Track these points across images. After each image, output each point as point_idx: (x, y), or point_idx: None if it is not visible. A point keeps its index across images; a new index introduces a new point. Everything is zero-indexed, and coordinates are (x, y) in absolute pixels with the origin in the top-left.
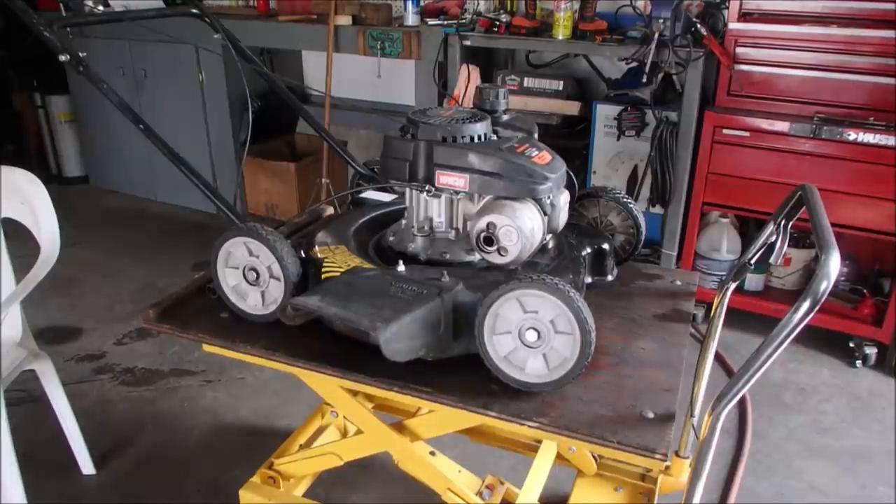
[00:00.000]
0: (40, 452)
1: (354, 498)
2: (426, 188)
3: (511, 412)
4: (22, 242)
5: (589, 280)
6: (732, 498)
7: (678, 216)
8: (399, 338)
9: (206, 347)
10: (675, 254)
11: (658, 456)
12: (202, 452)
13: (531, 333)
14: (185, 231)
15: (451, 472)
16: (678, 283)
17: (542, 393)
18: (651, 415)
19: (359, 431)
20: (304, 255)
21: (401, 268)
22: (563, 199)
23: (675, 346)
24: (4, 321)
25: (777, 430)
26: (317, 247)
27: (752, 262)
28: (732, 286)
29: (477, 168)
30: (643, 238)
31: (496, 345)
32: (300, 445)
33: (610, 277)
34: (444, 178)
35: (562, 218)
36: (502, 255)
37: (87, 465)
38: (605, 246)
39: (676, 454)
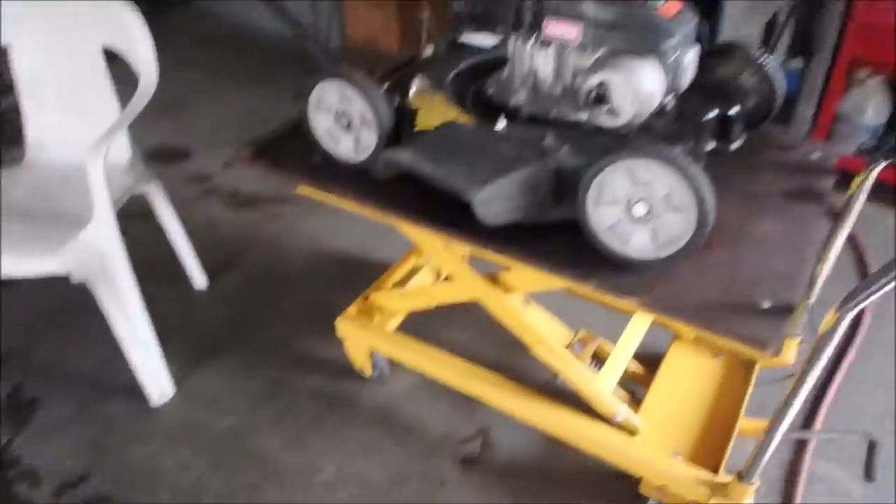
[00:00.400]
0: (157, 265)
1: (448, 334)
2: (533, 37)
3: (612, 285)
4: (125, 71)
5: (711, 146)
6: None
7: (820, 72)
8: (494, 201)
9: (300, 189)
10: (812, 113)
11: (769, 351)
12: (303, 276)
13: (640, 207)
14: (289, 59)
15: (542, 323)
16: (815, 155)
17: (644, 269)
18: (767, 304)
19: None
20: (398, 103)
21: (501, 125)
22: (690, 55)
23: (802, 230)
24: (112, 148)
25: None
26: (413, 94)
27: None
28: (882, 164)
29: (592, 17)
30: (779, 103)
31: (600, 215)
32: (395, 282)
33: (735, 145)
34: (554, 28)
35: (686, 77)
36: (614, 117)
37: (198, 280)
38: (733, 110)
39: None
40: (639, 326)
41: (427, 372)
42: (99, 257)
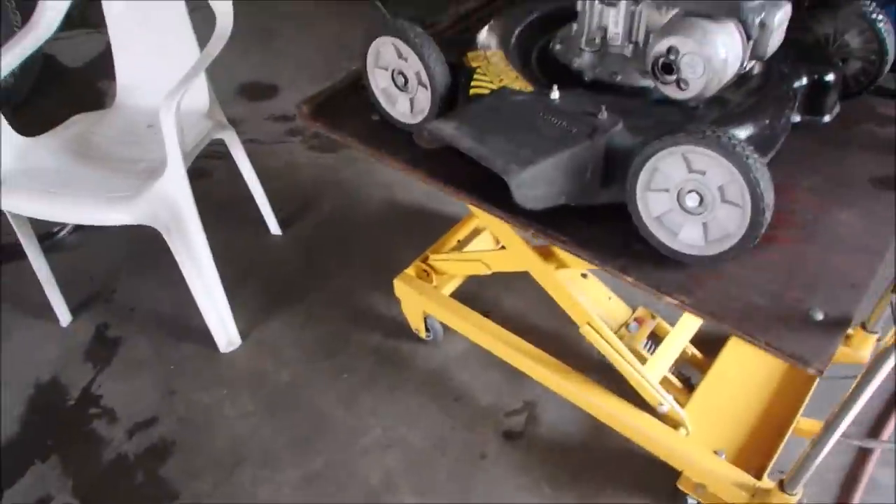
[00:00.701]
0: (236, 208)
1: (507, 299)
2: None
3: (652, 281)
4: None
5: (797, 119)
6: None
7: None
8: (535, 183)
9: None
10: None
11: (812, 370)
12: (374, 225)
13: (693, 197)
14: None
15: (598, 299)
16: None
17: (692, 265)
18: (820, 316)
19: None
20: (456, 62)
21: (555, 94)
22: (780, 16)
23: (886, 224)
24: (190, 93)
25: None
26: (472, 52)
27: None
28: None
29: None
30: (888, 67)
31: (649, 202)
32: (458, 241)
33: (827, 117)
34: None
35: (774, 41)
36: (682, 89)
37: (273, 226)
38: (830, 76)
39: (863, 326)
40: None
41: (475, 341)
42: (171, 208)
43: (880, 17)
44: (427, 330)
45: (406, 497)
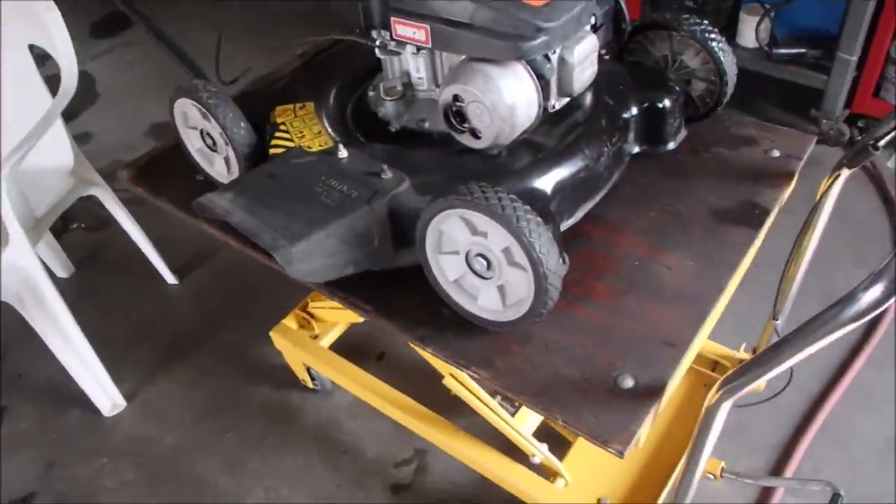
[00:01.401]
0: (131, 259)
1: (394, 346)
2: (380, 40)
3: (452, 352)
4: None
5: (636, 150)
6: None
7: (867, 4)
8: (310, 258)
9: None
10: (856, 59)
11: (612, 449)
12: (272, 273)
13: (479, 261)
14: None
15: None
16: (775, 153)
17: (498, 331)
18: (630, 383)
19: None
20: (259, 120)
21: (342, 153)
22: (583, 47)
23: (719, 267)
24: (46, 152)
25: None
26: (282, 106)
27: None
28: (845, 174)
29: (439, 16)
30: (729, 88)
31: (443, 266)
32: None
33: (672, 144)
34: (402, 29)
35: (582, 75)
36: (478, 138)
37: (168, 277)
38: (664, 102)
39: (755, 354)
40: None
41: (355, 394)
42: (20, 279)
43: (713, 35)
44: (313, 379)
45: None
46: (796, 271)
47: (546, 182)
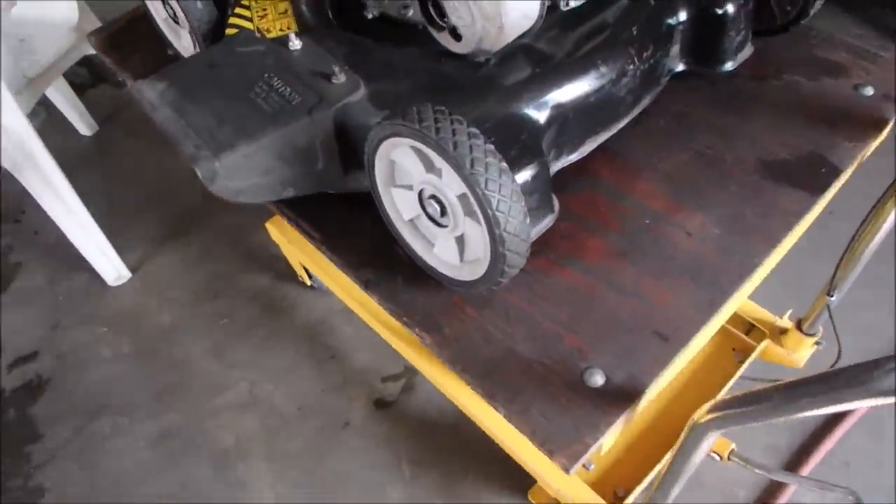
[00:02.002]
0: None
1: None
2: None
3: (397, 304)
4: None
5: (680, 68)
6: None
7: None
8: (237, 174)
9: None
10: None
11: (558, 462)
12: None
13: (433, 205)
14: None
15: None
16: (868, 90)
17: (456, 289)
18: (598, 380)
19: None
20: None
21: (294, 44)
22: None
23: (755, 241)
24: (54, 2)
25: None
26: None
27: None
28: None
29: None
30: None
31: (396, 201)
32: None
33: (729, 65)
34: None
35: None
36: (458, 40)
37: None
38: (726, 8)
39: (799, 326)
40: None
41: (345, 303)
42: (13, 141)
43: None
44: (310, 276)
45: (254, 463)
46: (865, 246)
47: (541, 105)
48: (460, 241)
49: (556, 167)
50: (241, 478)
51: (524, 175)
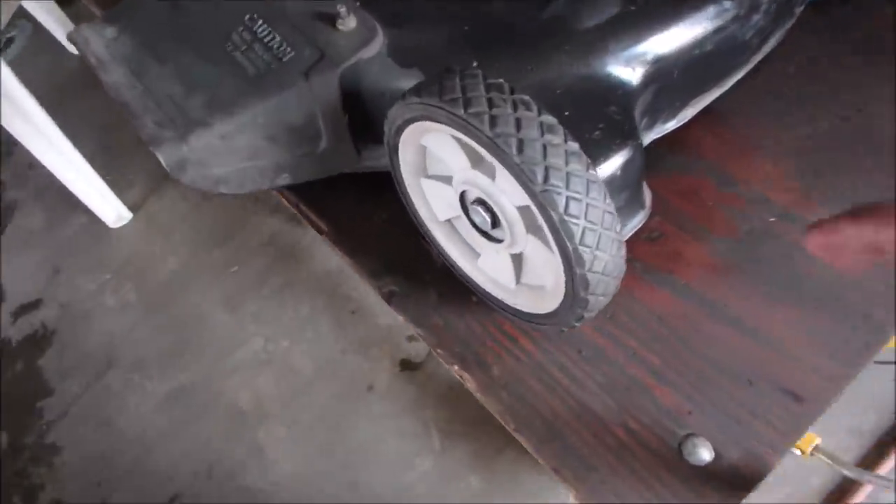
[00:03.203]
0: None
1: None
2: None
3: (431, 328)
4: None
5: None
6: None
7: None
8: (218, 158)
9: None
10: None
11: None
12: None
13: (481, 213)
14: None
15: None
16: None
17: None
18: (705, 456)
19: None
20: None
21: None
22: None
23: None
24: None
25: None
26: None
27: None
28: None
29: None
30: None
31: (429, 195)
32: None
33: None
34: None
35: None
36: None
37: None
38: None
39: None
40: None
41: None
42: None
43: None
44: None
45: (273, 427)
46: None
47: (635, 59)
48: (518, 260)
49: (646, 140)
50: (260, 443)
51: (611, 166)
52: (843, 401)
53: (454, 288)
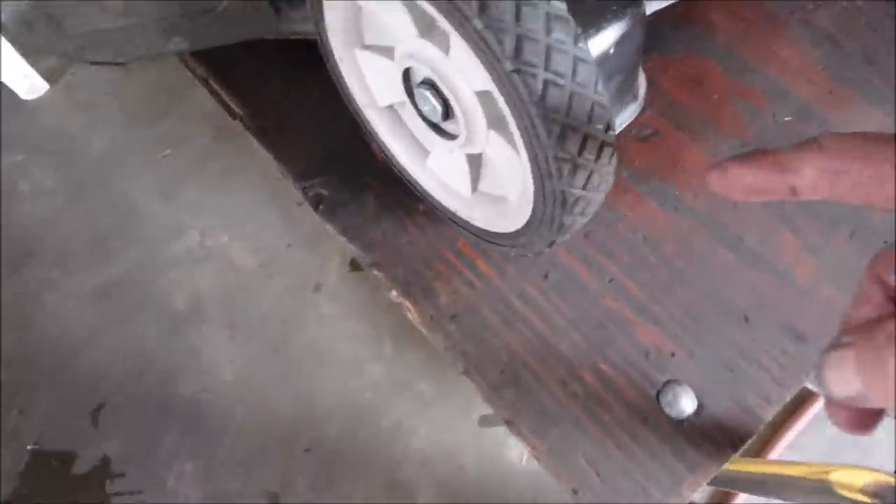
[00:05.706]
0: None
1: None
2: None
3: (368, 243)
4: None
5: None
6: None
7: None
8: (76, 13)
9: None
10: None
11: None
12: None
13: (429, 98)
14: None
15: None
16: None
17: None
18: (686, 407)
19: None
20: None
21: None
22: None
23: None
24: None
25: None
26: None
27: None
28: None
29: None
30: None
31: (365, 72)
32: None
33: None
34: None
35: None
36: None
37: None
38: None
39: None
40: None
41: None
42: None
43: None
44: None
45: (211, 328)
46: None
47: None
48: (476, 161)
49: (648, 9)
50: (196, 345)
51: (605, 40)
52: None
53: (398, 194)
